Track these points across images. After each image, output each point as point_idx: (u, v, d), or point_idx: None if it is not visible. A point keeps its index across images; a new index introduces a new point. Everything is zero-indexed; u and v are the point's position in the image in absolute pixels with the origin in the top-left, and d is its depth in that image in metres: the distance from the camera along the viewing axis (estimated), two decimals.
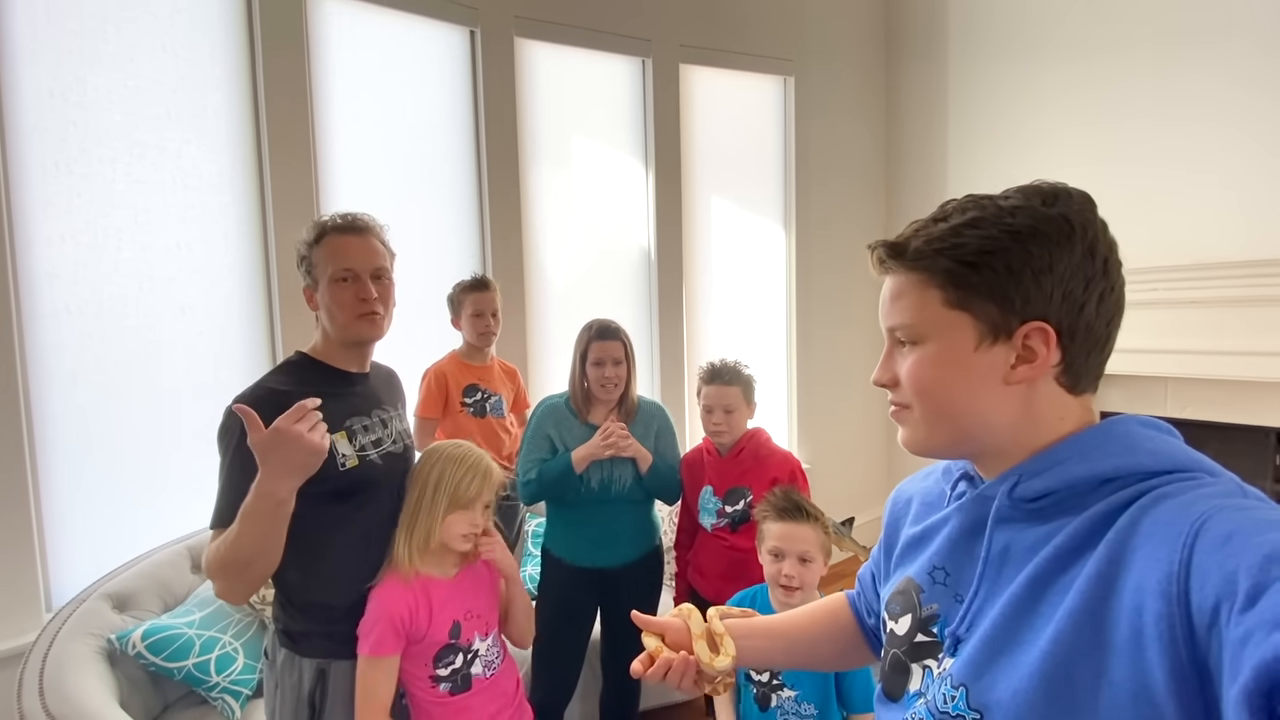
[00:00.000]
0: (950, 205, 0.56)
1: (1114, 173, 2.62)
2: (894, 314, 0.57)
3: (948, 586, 0.58)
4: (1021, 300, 0.52)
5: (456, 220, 2.60)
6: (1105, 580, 0.45)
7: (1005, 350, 0.53)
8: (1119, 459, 0.50)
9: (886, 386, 0.60)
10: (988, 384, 0.53)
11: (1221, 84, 2.36)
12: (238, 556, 1.00)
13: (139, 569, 1.82)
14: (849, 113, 3.47)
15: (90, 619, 1.64)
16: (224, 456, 1.08)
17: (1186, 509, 0.44)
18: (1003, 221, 0.52)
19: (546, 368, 2.80)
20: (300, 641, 1.16)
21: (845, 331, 3.48)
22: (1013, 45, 2.96)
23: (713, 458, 1.85)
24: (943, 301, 0.54)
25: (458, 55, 2.58)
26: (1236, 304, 2.31)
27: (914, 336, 0.56)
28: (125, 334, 1.99)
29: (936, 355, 0.55)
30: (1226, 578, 0.39)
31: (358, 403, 1.21)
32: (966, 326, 0.53)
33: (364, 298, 1.16)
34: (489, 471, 1.26)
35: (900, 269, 0.57)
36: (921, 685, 0.57)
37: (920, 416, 0.57)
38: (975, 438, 0.55)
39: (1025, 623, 0.49)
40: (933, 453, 0.58)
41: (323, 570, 1.12)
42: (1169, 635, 0.41)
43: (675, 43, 2.98)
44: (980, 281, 0.52)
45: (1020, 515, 0.53)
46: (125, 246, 1.98)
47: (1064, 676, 0.45)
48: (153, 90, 2.01)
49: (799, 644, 0.79)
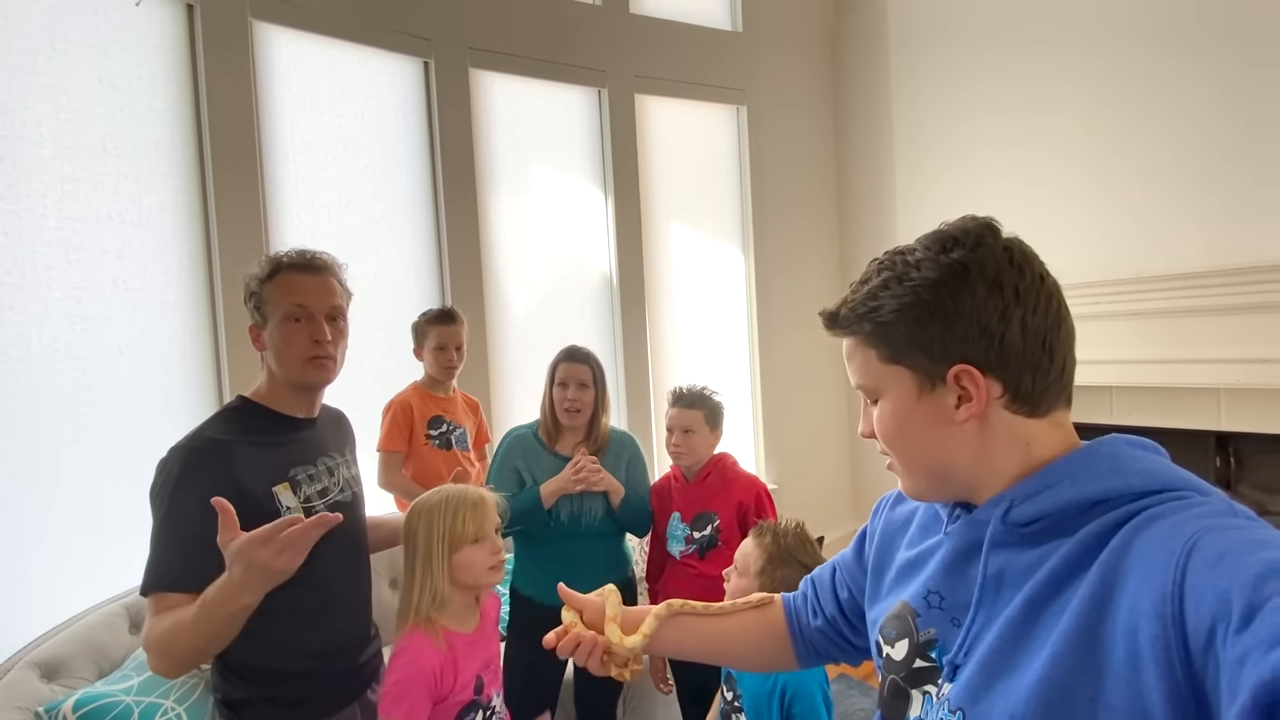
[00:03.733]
0: (871, 267, 0.61)
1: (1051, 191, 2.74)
2: (852, 374, 0.62)
3: (944, 611, 0.58)
4: (940, 347, 0.55)
5: (414, 251, 2.55)
6: (1099, 603, 0.45)
7: (945, 393, 0.55)
8: (1108, 480, 0.50)
9: (870, 438, 0.63)
10: (940, 426, 0.56)
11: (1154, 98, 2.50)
12: (189, 645, 0.92)
13: (70, 632, 1.68)
14: (800, 138, 3.57)
15: (15, 690, 1.50)
16: (156, 516, 1.00)
17: (1178, 530, 0.44)
18: (909, 278, 0.56)
19: (509, 397, 2.75)
20: (242, 711, 1.07)
21: (807, 352, 3.53)
22: (953, 68, 3.10)
23: (680, 484, 1.83)
24: (879, 359, 0.58)
25: (412, 86, 2.56)
26: (1171, 315, 2.43)
27: (870, 394, 0.61)
28: (57, 377, 1.86)
29: (891, 408, 0.59)
30: (1220, 598, 0.39)
31: (303, 450, 1.14)
32: (906, 378, 0.57)
33: (317, 339, 1.10)
34: (479, 500, 1.22)
35: (839, 334, 0.62)
36: (922, 711, 0.57)
37: (901, 466, 0.61)
38: (951, 477, 0.58)
39: (1021, 646, 0.49)
40: (924, 497, 0.62)
41: (269, 633, 1.03)
42: (1165, 657, 0.41)
43: (630, 73, 3.02)
44: (899, 337, 0.56)
45: (1014, 539, 0.54)
46: (56, 286, 1.87)
47: (1060, 700, 0.45)
48: (87, 123, 1.92)
49: (718, 639, 0.81)
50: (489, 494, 1.26)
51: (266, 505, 1.05)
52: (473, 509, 1.20)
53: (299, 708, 1.09)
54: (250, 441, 1.07)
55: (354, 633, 1.20)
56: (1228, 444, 2.47)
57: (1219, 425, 2.41)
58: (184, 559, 0.98)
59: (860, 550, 0.75)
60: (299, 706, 1.09)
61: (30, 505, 1.81)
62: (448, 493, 1.23)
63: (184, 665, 0.96)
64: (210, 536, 0.98)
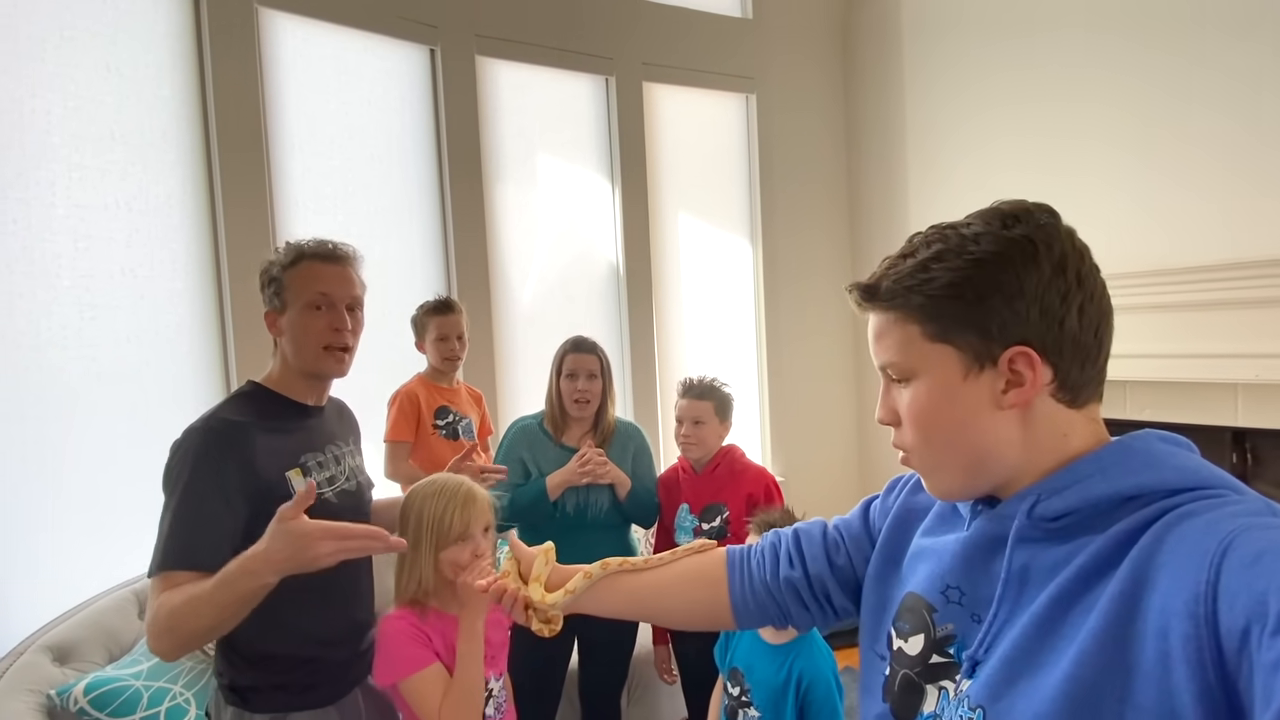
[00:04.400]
0: (916, 239, 0.57)
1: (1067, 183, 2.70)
2: (881, 352, 0.58)
3: (964, 606, 0.56)
4: (998, 327, 0.52)
5: (419, 241, 2.54)
6: (1129, 600, 0.44)
7: (994, 376, 0.52)
8: (1142, 476, 0.49)
9: (890, 424, 0.59)
10: (983, 412, 0.53)
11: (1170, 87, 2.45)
12: (201, 623, 0.92)
13: (81, 617, 1.70)
14: (810, 127, 3.52)
15: (28, 673, 1.52)
16: (171, 496, 1.00)
17: (1213, 527, 0.43)
18: (966, 251, 0.52)
19: (515, 388, 2.75)
20: (249, 697, 1.08)
21: (814, 343, 3.50)
22: (968, 58, 3.05)
23: (688, 475, 1.83)
24: (923, 336, 0.54)
25: (418, 74, 2.54)
26: (1189, 308, 2.39)
27: (903, 374, 0.56)
28: (67, 364, 1.88)
29: (928, 390, 0.55)
30: (1256, 599, 0.37)
31: (312, 437, 1.15)
32: (951, 358, 0.53)
33: (337, 328, 1.11)
34: (468, 498, 1.20)
35: (877, 309, 0.57)
36: (938, 707, 0.55)
37: (929, 457, 0.57)
38: (985, 469, 0.55)
39: (1047, 644, 0.48)
40: (952, 493, 0.58)
41: (276, 619, 1.03)
42: (1197, 658, 0.39)
43: (638, 61, 2.99)
44: (954, 313, 0.53)
45: (1040, 534, 0.52)
46: (65, 274, 1.88)
47: (1087, 699, 0.44)
48: (94, 111, 1.92)
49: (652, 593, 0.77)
50: (481, 492, 1.23)
51: (279, 489, 1.05)
52: (461, 507, 1.18)
53: (308, 694, 1.10)
54: (264, 426, 1.07)
55: (358, 620, 1.21)
56: (1245, 440, 2.43)
57: (1236, 421, 2.37)
58: (198, 539, 0.98)
59: (866, 521, 0.72)
60: (308, 693, 1.10)
61: (40, 491, 1.83)
62: (441, 484, 1.21)
63: (188, 645, 0.95)
64: (224, 518, 0.99)
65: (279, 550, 0.87)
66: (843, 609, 0.72)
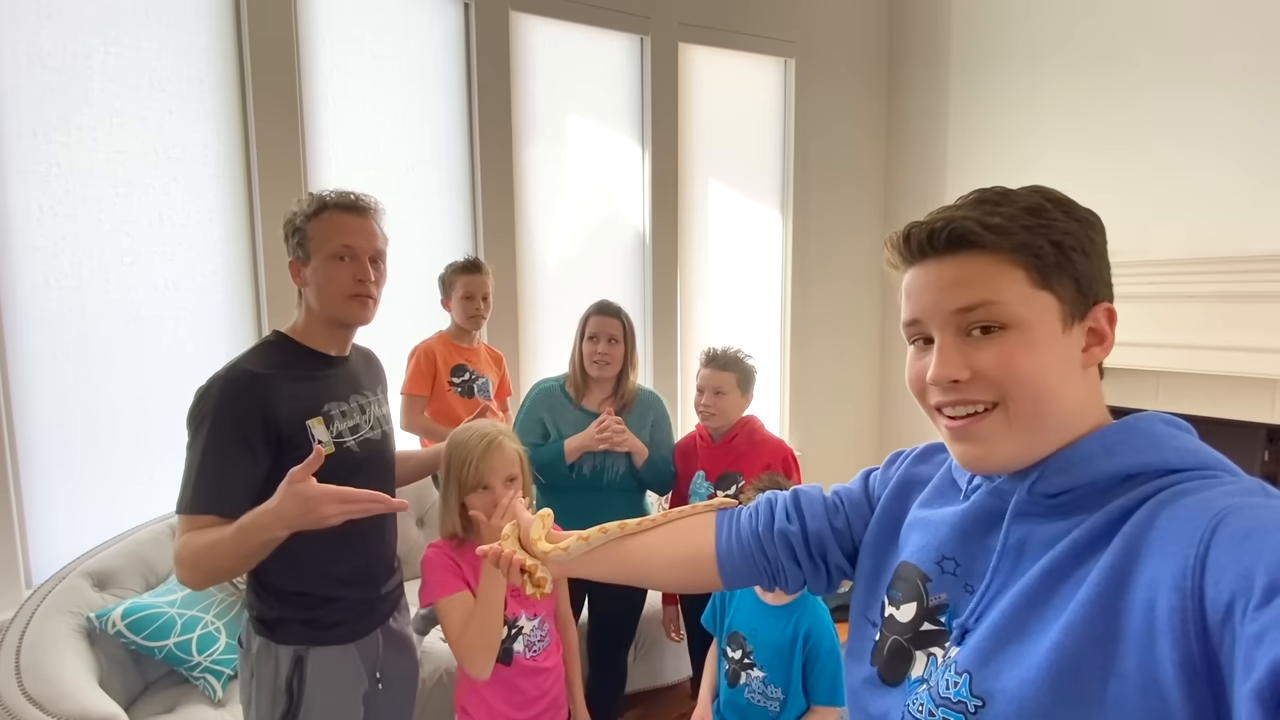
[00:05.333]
0: (986, 192, 0.53)
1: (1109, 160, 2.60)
2: (966, 294, 0.51)
3: (957, 577, 0.57)
4: (1090, 282, 0.53)
5: (448, 198, 2.55)
6: (1119, 573, 0.45)
7: (1080, 332, 0.53)
8: (1144, 455, 0.50)
9: (957, 382, 0.52)
10: (1073, 367, 0.52)
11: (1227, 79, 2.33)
12: (221, 564, 1.00)
13: (120, 547, 1.79)
14: (849, 96, 3.42)
15: (70, 597, 1.61)
16: (195, 440, 1.05)
17: (1206, 505, 0.43)
18: (1064, 205, 0.53)
19: (538, 350, 2.77)
20: (276, 629, 1.14)
21: (840, 318, 3.46)
22: (1017, 34, 2.92)
23: (706, 444, 1.84)
24: (1029, 281, 0.51)
25: (451, 29, 2.52)
26: (1230, 299, 2.30)
27: (1000, 318, 0.50)
28: (107, 308, 1.94)
29: (1033, 339, 0.50)
30: (1243, 574, 0.38)
31: (335, 387, 1.18)
32: (1053, 308, 0.51)
33: (361, 279, 1.13)
34: (488, 449, 1.26)
35: (963, 253, 0.52)
36: (925, 672, 0.56)
37: (1014, 414, 0.51)
38: (1060, 430, 0.52)
39: (1036, 614, 0.49)
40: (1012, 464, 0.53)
41: (301, 561, 1.09)
42: (1181, 629, 0.40)
43: (674, 20, 2.92)
44: (1067, 262, 0.52)
45: (1039, 510, 0.53)
46: (106, 219, 1.93)
47: (1072, 667, 0.45)
48: (134, 57, 1.95)
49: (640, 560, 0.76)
50: (507, 445, 1.29)
51: (299, 438, 1.09)
52: (480, 458, 1.25)
53: (331, 630, 1.16)
54: (286, 376, 1.10)
55: (380, 562, 1.26)
56: (1279, 438, 2.37)
57: (1272, 418, 2.30)
58: (221, 487, 1.03)
59: (866, 489, 0.73)
60: (331, 629, 1.16)
61: (83, 427, 1.91)
62: (470, 433, 1.29)
63: (211, 580, 1.04)
64: (246, 467, 1.04)
65: (289, 510, 0.94)
66: (837, 568, 0.71)
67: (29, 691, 1.31)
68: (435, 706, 1.84)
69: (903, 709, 0.56)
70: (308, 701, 1.13)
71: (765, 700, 1.40)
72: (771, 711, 1.39)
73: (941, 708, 0.52)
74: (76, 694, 1.34)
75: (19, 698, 1.30)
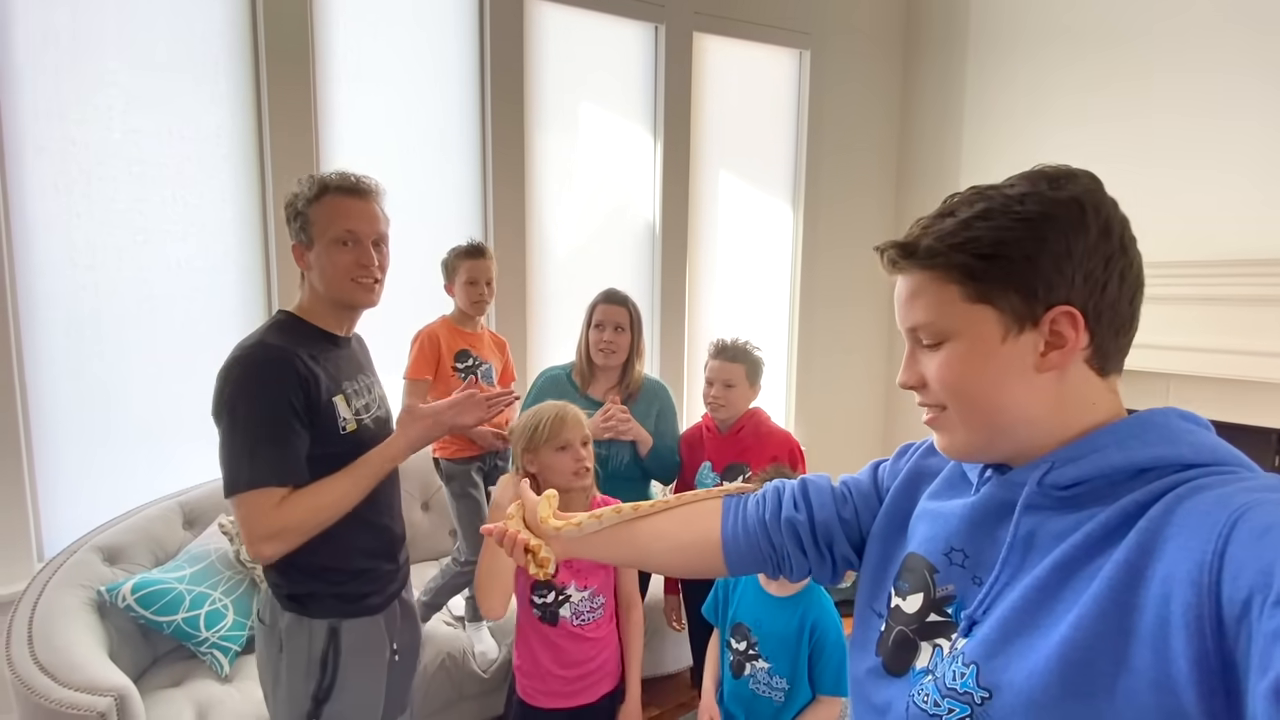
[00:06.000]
0: (955, 199, 0.55)
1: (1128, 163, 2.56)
2: (913, 314, 0.56)
3: (966, 569, 0.57)
4: (1044, 287, 0.51)
5: (459, 183, 2.55)
6: (1134, 569, 0.44)
7: (1034, 337, 0.52)
8: (1158, 449, 0.49)
9: (913, 389, 0.58)
10: (1020, 374, 0.52)
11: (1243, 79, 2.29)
12: (345, 509, 1.09)
13: (131, 523, 1.82)
14: (864, 90, 3.39)
15: (81, 570, 1.64)
16: (238, 415, 1.03)
17: (1224, 501, 0.43)
18: (1013, 210, 0.52)
19: (544, 337, 2.78)
20: (308, 604, 1.14)
21: (848, 313, 3.45)
22: (1032, 30, 2.88)
23: (712, 435, 1.84)
24: (962, 297, 0.53)
25: (466, 13, 2.50)
26: (1245, 303, 2.28)
27: (937, 335, 0.55)
28: (120, 286, 1.96)
29: (965, 351, 0.54)
30: (1262, 570, 0.37)
31: (347, 366, 1.19)
32: (990, 319, 0.53)
33: (365, 264, 1.13)
34: (559, 416, 1.40)
35: (914, 268, 0.56)
36: (930, 663, 0.56)
37: (957, 418, 0.56)
38: (1014, 432, 0.54)
39: (1046, 607, 0.48)
40: (972, 455, 0.57)
41: (332, 536, 1.10)
42: (1196, 625, 0.40)
43: (690, 9, 2.89)
44: (999, 273, 0.51)
45: (1050, 503, 0.52)
46: (120, 197, 1.94)
47: (1082, 660, 0.45)
48: (149, 37, 1.95)
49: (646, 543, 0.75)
50: (575, 409, 1.44)
51: (327, 413, 1.10)
52: (553, 420, 1.39)
53: (360, 602, 1.18)
54: (305, 353, 1.10)
55: (395, 534, 1.28)
56: None
57: None
58: (282, 457, 1.03)
59: (875, 480, 0.72)
60: (361, 600, 1.18)
61: (96, 405, 1.93)
62: (542, 405, 1.44)
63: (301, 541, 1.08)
64: (298, 438, 1.05)
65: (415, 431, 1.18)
66: (844, 559, 0.71)
67: (40, 661, 1.34)
68: (437, 687, 1.86)
69: (907, 699, 0.56)
70: (343, 673, 1.14)
71: (770, 691, 1.41)
72: (776, 702, 1.40)
73: (948, 699, 0.52)
74: (86, 665, 1.36)
75: (31, 667, 1.32)
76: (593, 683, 1.46)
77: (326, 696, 1.14)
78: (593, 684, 1.46)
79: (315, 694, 1.13)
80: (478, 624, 2.02)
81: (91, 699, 1.27)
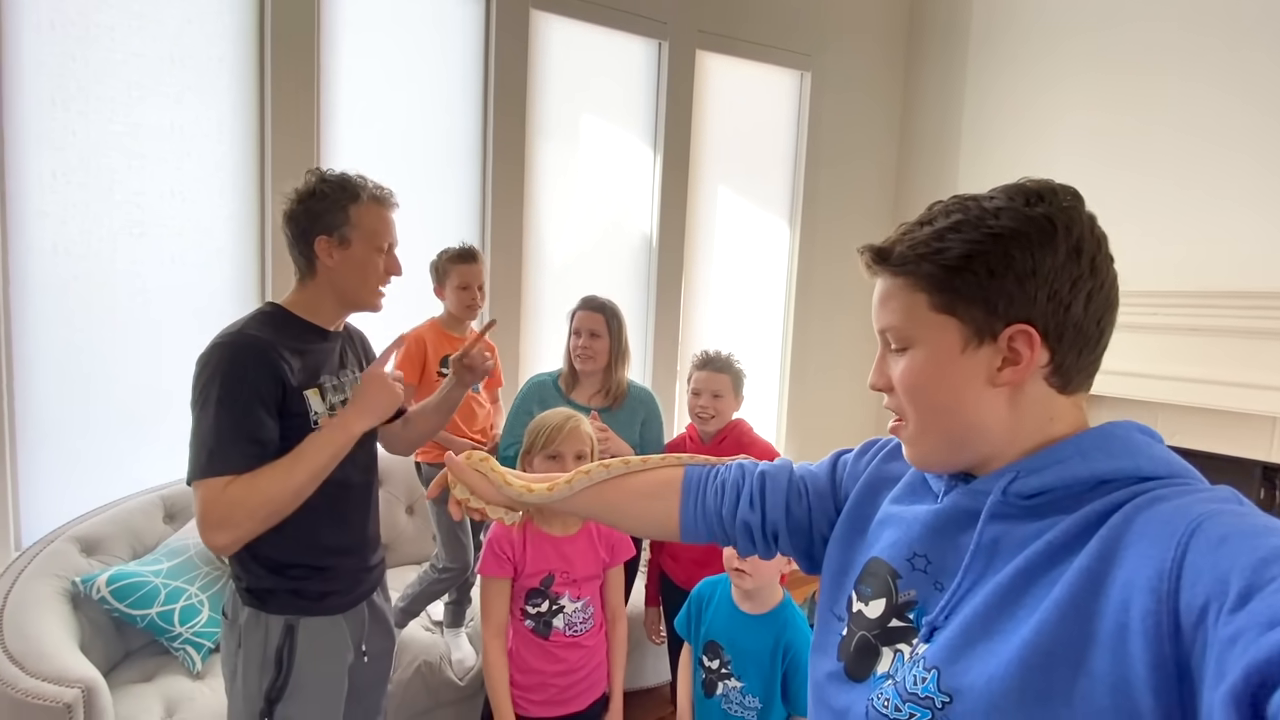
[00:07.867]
0: (936, 207, 0.57)
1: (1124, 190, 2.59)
2: (883, 317, 0.58)
3: (928, 574, 0.57)
4: (1005, 303, 0.52)
5: (458, 189, 2.57)
6: (1094, 576, 0.45)
7: (991, 352, 0.53)
8: (1119, 461, 0.50)
9: (882, 390, 0.60)
10: (974, 386, 0.54)
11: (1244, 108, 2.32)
12: (292, 489, 1.04)
13: (111, 515, 1.81)
14: (863, 113, 3.43)
15: (56, 560, 1.62)
16: (208, 403, 1.03)
17: (1183, 511, 0.44)
18: (985, 224, 0.52)
19: (540, 345, 2.78)
20: (267, 599, 1.14)
21: (842, 329, 3.46)
22: (1035, 62, 2.93)
23: (695, 445, 1.84)
24: (928, 305, 0.55)
25: (472, 23, 2.54)
26: (1234, 334, 2.30)
27: (903, 340, 0.57)
28: (113, 278, 1.96)
29: (925, 358, 0.55)
30: (1219, 578, 0.38)
31: (328, 360, 1.19)
32: (952, 330, 0.54)
33: (393, 273, 1.20)
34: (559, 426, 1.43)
35: (887, 273, 0.58)
36: (891, 668, 0.56)
37: (915, 425, 0.57)
38: (968, 443, 0.56)
39: (1007, 613, 0.49)
40: (931, 464, 0.59)
41: (292, 530, 1.09)
42: (1155, 631, 0.41)
43: (694, 28, 2.93)
44: (963, 285, 0.53)
45: (1014, 511, 0.53)
46: (117, 190, 1.95)
47: (1042, 665, 0.45)
48: (157, 31, 1.97)
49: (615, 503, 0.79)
50: (585, 428, 1.46)
51: (298, 407, 1.10)
52: (559, 429, 1.42)
53: (322, 600, 1.17)
54: (285, 345, 1.11)
55: (366, 534, 1.27)
56: (1276, 476, 2.35)
57: (1270, 455, 2.29)
58: (244, 445, 1.03)
59: (833, 478, 0.73)
60: (322, 599, 1.17)
61: (80, 395, 1.93)
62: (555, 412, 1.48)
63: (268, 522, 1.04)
64: (265, 428, 1.04)
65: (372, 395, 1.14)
66: (784, 548, 0.75)
67: (10, 650, 1.32)
68: (412, 694, 1.85)
69: (865, 703, 0.56)
70: (298, 671, 1.13)
71: (743, 710, 1.39)
72: None
73: (909, 703, 0.52)
74: (56, 656, 1.34)
75: None
76: (584, 690, 1.47)
77: (279, 696, 1.12)
78: (584, 691, 1.47)
79: (268, 692, 1.12)
80: (456, 630, 2.01)
81: (58, 690, 1.25)
